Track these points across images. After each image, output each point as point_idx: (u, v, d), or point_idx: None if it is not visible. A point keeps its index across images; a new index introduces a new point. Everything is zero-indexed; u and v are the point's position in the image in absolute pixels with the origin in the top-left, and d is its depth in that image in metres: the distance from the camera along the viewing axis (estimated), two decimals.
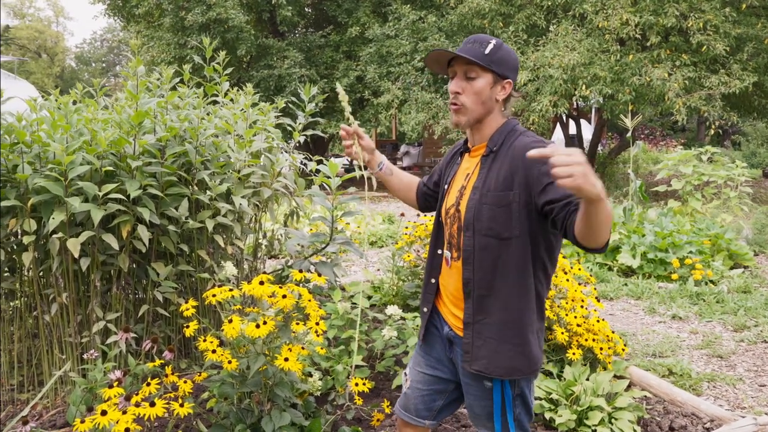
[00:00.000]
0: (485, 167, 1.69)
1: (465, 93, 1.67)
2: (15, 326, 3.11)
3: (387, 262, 4.42)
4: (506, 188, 1.61)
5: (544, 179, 1.51)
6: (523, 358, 1.67)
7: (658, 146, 21.58)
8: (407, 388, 1.94)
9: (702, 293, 5.17)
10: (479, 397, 1.74)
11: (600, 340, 3.20)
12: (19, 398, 3.01)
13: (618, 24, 10.14)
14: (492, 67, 1.65)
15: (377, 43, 13.86)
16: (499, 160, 1.67)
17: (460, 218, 1.71)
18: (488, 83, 1.66)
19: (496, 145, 1.69)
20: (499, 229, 1.62)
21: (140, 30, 16.59)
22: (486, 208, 1.63)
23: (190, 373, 3.15)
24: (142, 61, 2.99)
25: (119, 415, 1.81)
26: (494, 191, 1.63)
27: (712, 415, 2.91)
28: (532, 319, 1.68)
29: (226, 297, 2.13)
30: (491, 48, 1.65)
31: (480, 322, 1.68)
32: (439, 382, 1.88)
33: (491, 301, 1.66)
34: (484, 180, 1.67)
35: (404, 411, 1.94)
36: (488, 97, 1.67)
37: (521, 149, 1.59)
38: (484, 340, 1.68)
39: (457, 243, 1.72)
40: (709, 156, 9.00)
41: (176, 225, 3.01)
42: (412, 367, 1.95)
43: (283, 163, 3.58)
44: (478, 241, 1.65)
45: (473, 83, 1.66)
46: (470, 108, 1.68)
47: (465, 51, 1.66)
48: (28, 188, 2.73)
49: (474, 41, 1.68)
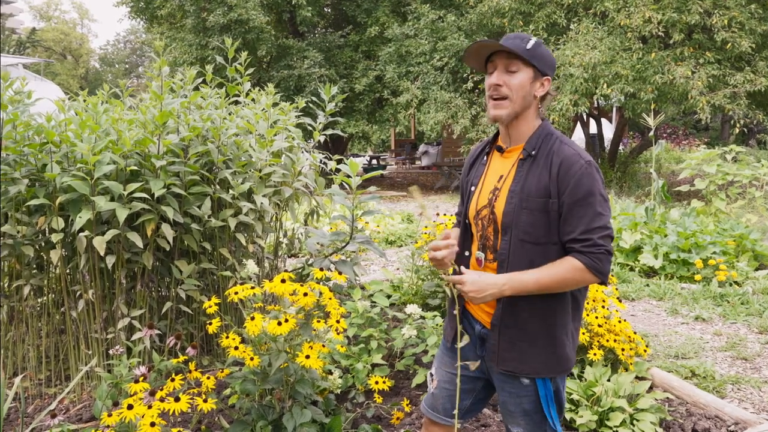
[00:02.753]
0: (522, 171, 1.68)
1: (506, 86, 1.66)
2: (43, 322, 3.18)
3: (406, 261, 4.43)
4: (546, 195, 1.62)
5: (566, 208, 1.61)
6: (554, 357, 1.68)
7: (681, 145, 21.25)
8: (435, 389, 1.93)
9: (726, 294, 5.08)
10: (514, 394, 1.74)
11: (621, 340, 3.17)
12: (46, 392, 3.08)
13: (640, 22, 10.01)
14: (533, 62, 1.65)
15: (396, 43, 13.86)
16: (537, 165, 1.66)
17: (496, 221, 1.69)
18: (529, 78, 1.66)
19: (534, 149, 1.68)
20: (537, 234, 1.63)
21: (163, 31, 16.80)
22: (525, 213, 1.63)
23: (212, 369, 3.19)
24: (166, 62, 3.04)
25: (145, 410, 1.84)
26: (535, 197, 1.63)
27: (737, 418, 2.87)
28: (566, 320, 1.69)
29: (248, 295, 2.16)
30: (533, 44, 1.66)
31: (507, 326, 1.68)
32: (467, 381, 1.86)
33: (522, 305, 1.66)
34: (523, 185, 1.66)
35: (432, 411, 1.93)
36: (528, 92, 1.67)
37: (560, 159, 1.62)
38: (512, 343, 1.68)
39: (493, 245, 1.71)
40: (734, 155, 8.84)
41: (199, 223, 3.05)
42: (439, 368, 1.94)
43: (304, 163, 3.61)
44: (515, 245, 1.65)
45: (515, 76, 1.66)
46: (513, 100, 1.66)
47: (508, 45, 1.65)
48: (56, 187, 2.79)
49: (515, 37, 1.68)
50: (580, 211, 1.59)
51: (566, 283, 1.61)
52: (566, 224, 1.61)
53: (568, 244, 1.61)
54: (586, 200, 1.59)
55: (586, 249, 1.58)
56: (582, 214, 1.59)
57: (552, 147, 1.66)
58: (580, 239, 1.59)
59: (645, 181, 12.98)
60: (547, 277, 1.59)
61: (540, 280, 1.59)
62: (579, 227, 1.59)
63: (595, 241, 1.57)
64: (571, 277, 1.60)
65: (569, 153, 1.63)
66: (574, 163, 1.61)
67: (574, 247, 1.60)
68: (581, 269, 1.58)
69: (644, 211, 7.07)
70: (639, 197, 10.86)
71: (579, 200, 1.59)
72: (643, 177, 13.63)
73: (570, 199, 1.59)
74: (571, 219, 1.60)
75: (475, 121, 12.39)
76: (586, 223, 1.58)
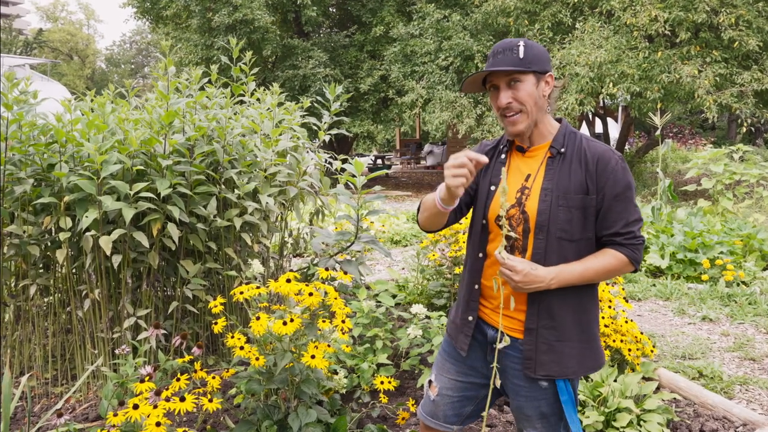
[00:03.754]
0: (553, 168, 1.66)
1: (516, 101, 1.65)
2: (49, 321, 3.19)
3: (412, 261, 4.43)
4: (583, 192, 1.62)
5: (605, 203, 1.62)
6: (592, 354, 1.69)
7: (687, 145, 21.16)
8: (436, 396, 1.88)
9: (733, 294, 5.05)
10: (532, 398, 1.71)
11: (628, 341, 3.16)
12: (53, 391, 3.09)
13: (646, 20, 9.97)
14: (531, 67, 1.64)
15: (401, 43, 13.86)
16: (568, 162, 1.65)
17: (527, 220, 1.66)
18: (533, 84, 1.65)
19: (563, 146, 1.67)
20: (573, 231, 1.63)
21: (168, 32, 16.86)
22: (563, 211, 1.62)
23: (218, 369, 3.20)
24: (172, 62, 3.04)
25: (150, 409, 1.84)
26: (573, 194, 1.62)
27: (745, 419, 2.85)
28: (596, 313, 1.72)
29: (253, 294, 2.16)
30: (523, 50, 1.64)
31: (545, 327, 1.65)
32: (471, 388, 1.84)
33: (559, 304, 1.64)
34: (557, 182, 1.64)
35: (431, 418, 1.90)
36: (538, 97, 1.66)
37: (596, 155, 1.64)
38: (550, 344, 1.65)
39: (523, 245, 1.67)
40: (741, 154, 8.80)
41: (204, 223, 3.05)
42: (440, 374, 1.89)
43: (309, 162, 3.61)
44: (551, 243, 1.63)
45: (520, 88, 1.64)
46: (528, 111, 1.65)
47: (500, 63, 1.63)
48: (62, 186, 2.80)
49: (503, 50, 1.65)
50: (620, 206, 1.62)
51: (607, 275, 1.63)
52: (606, 219, 1.63)
53: (608, 237, 1.63)
54: (624, 194, 1.62)
55: (627, 241, 1.62)
56: (622, 209, 1.62)
57: (581, 144, 1.67)
58: (623, 233, 1.62)
59: (651, 180, 12.93)
60: (592, 270, 1.61)
61: (584, 273, 1.61)
62: (620, 221, 1.62)
63: (635, 234, 1.63)
64: (613, 269, 1.63)
65: (603, 149, 1.65)
66: (610, 158, 1.63)
67: (616, 240, 1.62)
68: (624, 261, 1.62)
69: (651, 211, 7.04)
70: (645, 197, 10.81)
71: (619, 194, 1.61)
72: (649, 176, 13.58)
73: (611, 193, 1.61)
74: (612, 213, 1.62)
75: (480, 120, 12.37)
76: (627, 217, 1.62)
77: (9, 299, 3.10)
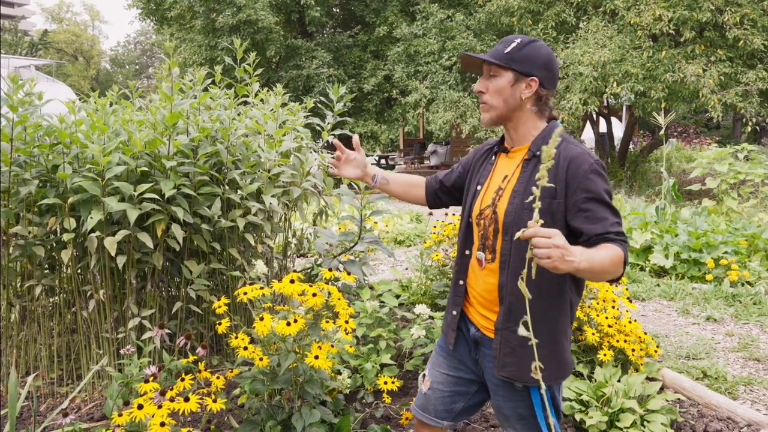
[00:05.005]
0: (527, 171, 1.67)
1: (488, 91, 1.69)
2: (54, 322, 3.20)
3: (415, 261, 4.43)
4: (551, 196, 1.60)
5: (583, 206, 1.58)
6: (555, 363, 1.67)
7: (692, 144, 21.07)
8: (427, 389, 1.92)
9: (738, 294, 5.04)
10: (508, 399, 1.73)
11: (632, 341, 3.15)
12: (58, 391, 3.11)
13: (650, 20, 9.94)
14: (511, 65, 1.65)
15: (405, 43, 13.86)
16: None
17: (497, 221, 1.68)
18: (508, 81, 1.66)
19: (539, 149, 1.66)
20: None
21: (173, 32, 16.91)
22: (528, 214, 1.61)
23: (222, 369, 3.21)
24: (176, 63, 3.05)
25: (155, 410, 1.85)
26: (539, 197, 1.61)
27: (749, 419, 2.84)
28: (565, 325, 1.68)
29: (257, 295, 2.17)
30: (514, 46, 1.65)
31: (509, 329, 1.66)
32: (461, 383, 1.86)
33: (524, 309, 1.64)
34: (526, 185, 1.65)
35: (422, 412, 1.92)
36: (510, 95, 1.67)
37: (568, 159, 1.61)
38: (513, 348, 1.66)
39: (492, 245, 1.70)
40: (746, 154, 8.76)
41: (208, 224, 3.06)
42: (432, 368, 1.93)
43: (312, 163, 3.61)
44: (516, 246, 1.63)
45: (494, 81, 1.68)
46: (493, 105, 1.69)
47: (489, 53, 1.69)
48: (67, 187, 2.81)
49: (502, 42, 1.69)
50: (599, 207, 1.59)
51: (612, 269, 1.52)
52: (590, 222, 1.57)
53: (600, 236, 1.57)
54: (601, 198, 1.60)
55: (619, 238, 1.58)
56: (603, 210, 1.59)
57: (558, 147, 1.64)
58: (613, 231, 1.58)
59: (655, 180, 12.89)
60: (608, 258, 1.50)
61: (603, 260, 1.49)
62: (606, 221, 1.58)
63: (623, 232, 1.60)
64: (616, 263, 1.53)
65: (577, 152, 1.62)
66: (584, 162, 1.61)
67: (610, 237, 1.57)
68: (622, 257, 1.54)
69: (655, 211, 7.02)
70: (649, 196, 10.78)
71: (595, 198, 1.59)
72: (653, 176, 13.53)
73: (583, 197, 1.58)
74: (595, 216, 1.58)
75: None
76: (610, 218, 1.59)
77: (15, 300, 3.12)
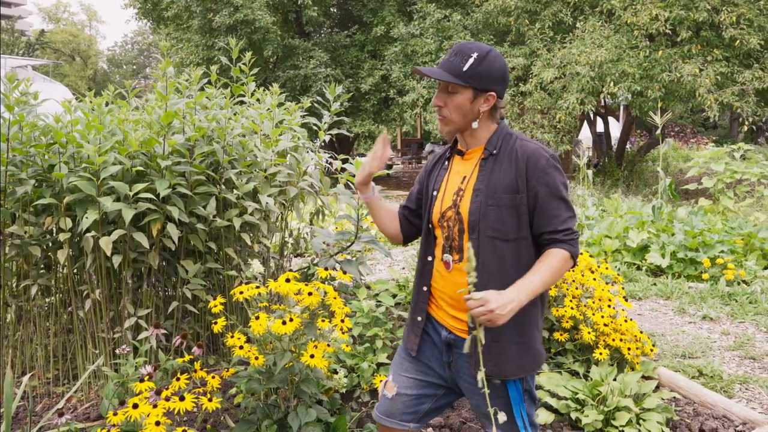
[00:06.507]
0: (485, 170, 1.70)
1: (447, 106, 1.70)
2: (50, 321, 3.20)
3: (412, 261, 4.43)
4: (513, 191, 1.65)
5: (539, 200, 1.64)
6: (529, 356, 1.70)
7: (689, 144, 21.13)
8: (393, 395, 1.90)
9: (734, 293, 5.05)
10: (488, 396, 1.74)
11: (628, 340, 3.16)
12: (54, 391, 3.10)
13: (647, 19, 9.96)
14: (471, 83, 1.66)
15: (402, 42, 13.86)
16: (500, 162, 1.69)
17: (461, 220, 1.71)
18: (468, 98, 1.68)
19: (495, 148, 1.71)
20: (506, 230, 1.65)
21: (170, 32, 16.89)
22: (492, 210, 1.65)
23: (218, 368, 3.21)
24: (171, 63, 3.05)
25: (150, 409, 1.85)
26: (502, 193, 1.65)
27: (745, 417, 2.85)
28: (536, 316, 1.72)
29: (253, 294, 2.17)
30: (471, 62, 1.65)
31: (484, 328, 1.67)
32: (428, 386, 1.86)
33: None
34: (487, 182, 1.68)
35: (388, 417, 1.90)
36: (469, 110, 1.70)
37: (525, 155, 1.66)
38: (487, 345, 1.66)
39: (459, 245, 1.72)
40: (742, 153, 8.79)
41: (204, 223, 3.06)
42: (397, 374, 1.91)
43: (309, 162, 3.61)
44: (484, 243, 1.66)
45: (453, 98, 1.69)
46: (452, 120, 1.71)
47: (444, 66, 1.67)
48: (63, 187, 2.81)
49: (456, 53, 1.68)
50: (554, 203, 1.64)
51: (560, 275, 1.64)
52: (542, 217, 1.65)
53: (548, 236, 1.65)
54: (557, 193, 1.65)
55: (567, 237, 1.64)
56: (557, 206, 1.65)
57: (514, 145, 1.70)
58: (561, 230, 1.64)
59: (652, 179, 12.92)
60: (548, 275, 1.61)
61: (544, 279, 1.61)
62: (557, 219, 1.64)
63: (572, 229, 1.65)
64: (561, 268, 1.64)
65: (533, 148, 1.67)
66: (540, 157, 1.65)
67: (556, 238, 1.64)
68: (568, 258, 1.64)
69: (651, 210, 7.04)
70: (646, 196, 10.81)
71: (552, 193, 1.64)
72: (650, 175, 13.56)
73: (543, 192, 1.64)
74: (548, 212, 1.64)
75: None
76: (561, 214, 1.65)
77: (11, 299, 3.11)
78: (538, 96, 11.25)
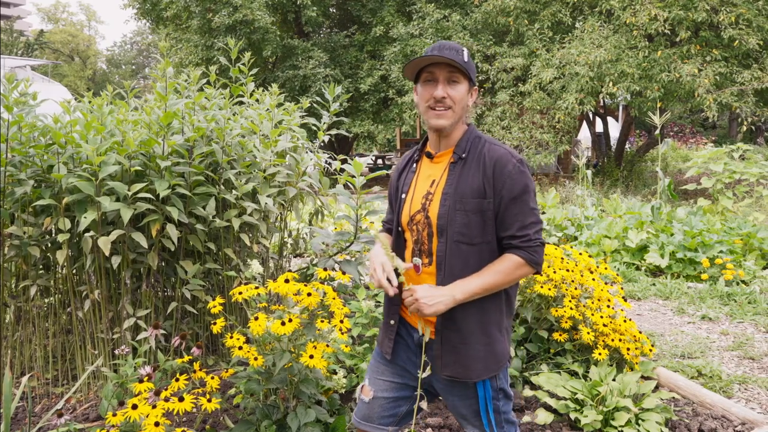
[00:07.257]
0: (454, 174, 1.71)
1: (450, 98, 1.70)
2: (50, 322, 3.20)
3: None
4: (480, 196, 1.65)
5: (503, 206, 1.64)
6: (492, 356, 1.70)
7: (688, 144, 21.14)
8: (370, 399, 1.90)
9: (733, 293, 5.06)
10: (463, 397, 1.75)
11: (627, 340, 3.16)
12: (53, 392, 3.10)
13: (646, 20, 9.97)
14: (470, 73, 1.69)
15: (401, 42, 13.87)
16: (468, 167, 1.69)
17: (430, 224, 1.71)
18: (466, 89, 1.72)
19: (465, 151, 1.72)
20: (472, 234, 1.66)
21: (169, 32, 16.89)
22: (460, 215, 1.66)
23: (217, 369, 3.21)
24: (171, 63, 3.05)
25: (149, 409, 1.85)
26: (469, 198, 1.66)
27: (744, 418, 2.86)
28: (500, 318, 1.72)
29: (252, 295, 2.17)
30: (466, 55, 1.69)
31: (448, 329, 1.69)
32: (405, 388, 1.87)
33: (461, 307, 1.66)
34: (455, 186, 1.68)
35: (366, 422, 1.91)
36: (466, 103, 1.73)
37: (493, 159, 1.66)
38: (452, 346, 1.69)
39: (429, 249, 1.72)
40: (741, 153, 8.80)
41: (204, 224, 3.06)
42: (374, 377, 1.91)
43: (308, 163, 3.61)
44: (450, 247, 1.67)
45: (457, 88, 1.70)
46: (455, 111, 1.71)
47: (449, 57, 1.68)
48: (62, 188, 2.81)
49: (450, 48, 1.69)
50: (515, 209, 1.65)
51: (509, 280, 1.65)
52: (503, 222, 1.66)
53: (506, 240, 1.66)
54: (521, 198, 1.65)
55: (524, 244, 1.64)
56: (518, 211, 1.65)
57: (482, 149, 1.70)
58: (518, 236, 1.64)
59: (651, 179, 12.93)
60: (491, 278, 1.63)
61: (485, 282, 1.63)
62: (516, 224, 1.64)
63: (531, 236, 1.65)
64: (514, 273, 1.64)
65: (501, 152, 1.68)
66: (508, 162, 1.66)
67: (513, 243, 1.65)
68: (522, 264, 1.65)
69: (650, 210, 7.04)
70: (645, 196, 10.81)
71: (515, 198, 1.64)
72: (649, 175, 13.57)
73: (507, 197, 1.64)
74: (508, 216, 1.65)
75: (479, 120, 12.37)
76: (522, 220, 1.65)
77: (10, 300, 3.11)
78: (538, 96, 11.27)
